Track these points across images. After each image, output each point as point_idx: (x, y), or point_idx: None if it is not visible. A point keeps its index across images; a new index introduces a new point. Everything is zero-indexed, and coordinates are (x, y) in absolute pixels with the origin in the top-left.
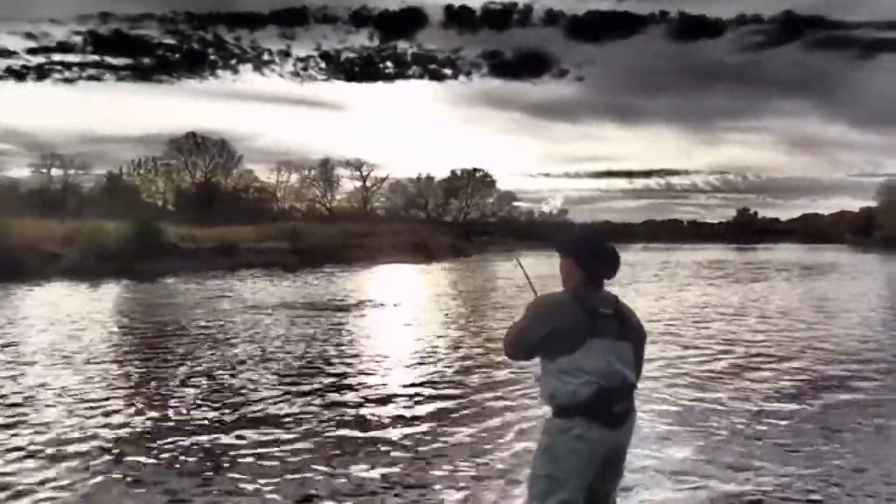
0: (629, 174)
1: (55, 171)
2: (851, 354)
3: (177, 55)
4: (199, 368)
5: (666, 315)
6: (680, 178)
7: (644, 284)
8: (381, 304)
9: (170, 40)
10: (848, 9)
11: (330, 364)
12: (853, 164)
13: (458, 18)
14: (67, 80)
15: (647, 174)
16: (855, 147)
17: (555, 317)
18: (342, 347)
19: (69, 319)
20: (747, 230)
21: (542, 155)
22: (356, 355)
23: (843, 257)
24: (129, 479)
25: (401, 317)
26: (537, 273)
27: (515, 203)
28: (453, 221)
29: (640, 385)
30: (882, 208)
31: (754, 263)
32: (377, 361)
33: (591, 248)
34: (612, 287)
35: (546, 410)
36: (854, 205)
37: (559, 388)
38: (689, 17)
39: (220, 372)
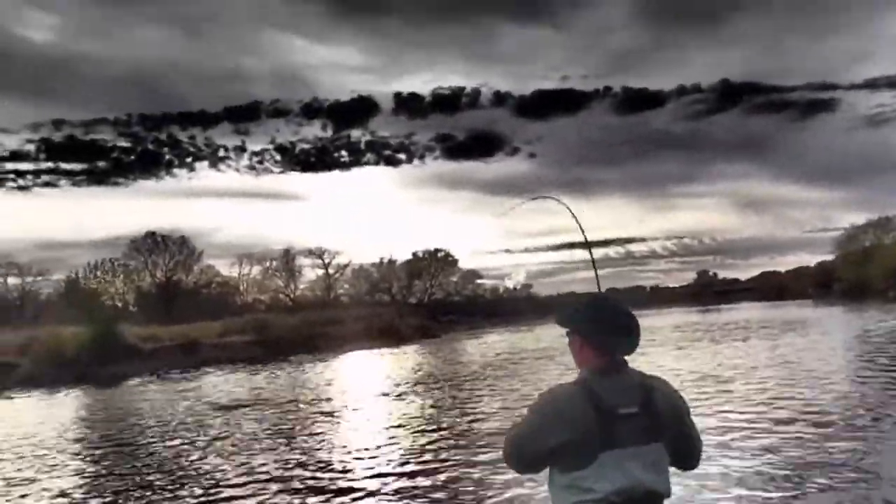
0: (588, 245)
1: (12, 280)
2: None
3: (132, 157)
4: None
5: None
6: (637, 246)
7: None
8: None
9: (124, 143)
10: (780, 73)
11: None
12: (805, 220)
13: (408, 105)
14: (22, 188)
15: (606, 243)
16: (805, 204)
17: (562, 425)
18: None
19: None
20: (709, 292)
21: (501, 232)
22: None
23: (811, 312)
24: None
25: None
26: (502, 349)
27: (479, 280)
28: (419, 303)
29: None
30: (839, 262)
31: (732, 323)
32: None
33: (600, 317)
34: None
35: None
36: (810, 260)
37: (566, 500)
38: (631, 91)
39: None
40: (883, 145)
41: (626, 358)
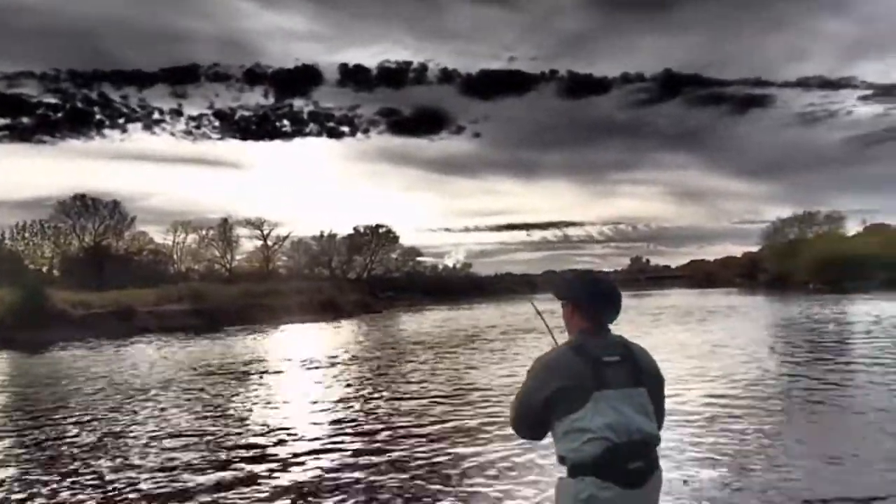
0: (527, 227)
1: None
2: None
3: (59, 114)
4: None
5: None
6: (576, 230)
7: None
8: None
9: (51, 99)
10: (721, 66)
11: None
12: (735, 212)
13: (353, 77)
14: None
15: (545, 226)
16: (736, 196)
17: (555, 375)
18: None
19: None
20: (641, 277)
21: (442, 210)
22: None
23: (741, 300)
24: None
25: None
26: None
27: (419, 258)
28: (358, 278)
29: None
30: (765, 253)
31: (673, 307)
32: None
33: (590, 288)
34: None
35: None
36: (737, 250)
37: (567, 447)
38: (577, 76)
39: None
40: (811, 143)
41: None
